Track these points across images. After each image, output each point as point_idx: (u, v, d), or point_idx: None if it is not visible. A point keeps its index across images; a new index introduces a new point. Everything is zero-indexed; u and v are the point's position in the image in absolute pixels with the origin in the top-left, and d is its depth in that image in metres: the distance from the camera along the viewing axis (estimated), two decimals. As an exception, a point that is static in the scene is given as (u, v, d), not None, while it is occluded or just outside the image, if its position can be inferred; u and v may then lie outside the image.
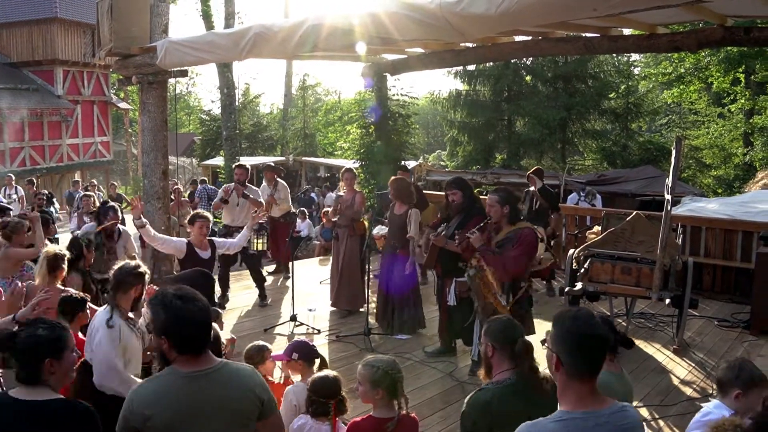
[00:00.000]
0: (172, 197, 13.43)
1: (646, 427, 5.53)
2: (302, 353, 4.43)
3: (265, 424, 2.94)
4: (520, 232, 5.75)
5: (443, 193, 7.22)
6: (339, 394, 3.85)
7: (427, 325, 8.14)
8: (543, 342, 2.72)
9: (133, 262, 4.42)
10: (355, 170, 9.37)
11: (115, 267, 4.36)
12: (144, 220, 6.76)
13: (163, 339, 2.75)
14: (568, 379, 2.51)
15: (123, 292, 4.19)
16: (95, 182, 21.82)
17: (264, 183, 10.79)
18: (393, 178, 8.81)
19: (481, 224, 5.89)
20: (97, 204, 11.81)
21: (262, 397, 2.89)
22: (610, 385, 3.38)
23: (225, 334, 4.89)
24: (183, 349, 2.76)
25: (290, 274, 9.15)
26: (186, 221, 7.13)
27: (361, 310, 8.54)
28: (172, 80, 9.38)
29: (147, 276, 4.42)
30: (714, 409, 3.61)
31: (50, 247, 5.66)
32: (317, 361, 4.46)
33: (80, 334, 4.92)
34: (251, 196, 9.45)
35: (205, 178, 20.51)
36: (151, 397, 2.72)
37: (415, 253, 7.81)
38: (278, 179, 10.78)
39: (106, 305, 4.28)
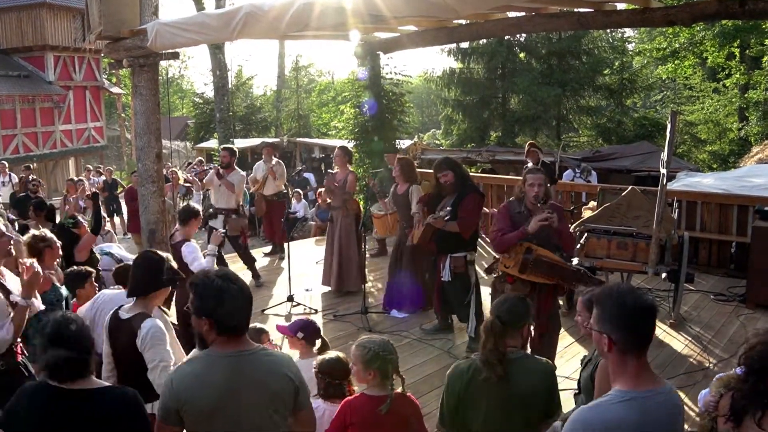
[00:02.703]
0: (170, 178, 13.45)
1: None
2: (308, 332, 4.45)
3: (299, 417, 2.94)
4: (557, 207, 5.72)
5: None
6: (350, 373, 3.86)
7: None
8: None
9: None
10: (349, 149, 9.30)
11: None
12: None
13: (204, 320, 2.74)
14: (622, 356, 2.47)
15: None
16: (90, 167, 21.74)
17: (262, 159, 10.86)
18: (398, 156, 8.80)
19: (541, 204, 5.55)
20: (88, 189, 11.81)
21: (298, 385, 2.87)
22: None
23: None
24: (223, 329, 2.74)
25: (285, 255, 9.15)
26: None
27: (357, 289, 8.54)
28: (164, 63, 9.30)
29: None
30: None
31: (28, 234, 5.47)
32: (318, 342, 4.48)
33: None
34: (226, 178, 9.26)
35: (202, 159, 20.43)
36: (191, 380, 2.72)
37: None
38: (274, 157, 10.88)
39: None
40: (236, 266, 10.01)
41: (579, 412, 2.51)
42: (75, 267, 5.41)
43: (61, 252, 5.52)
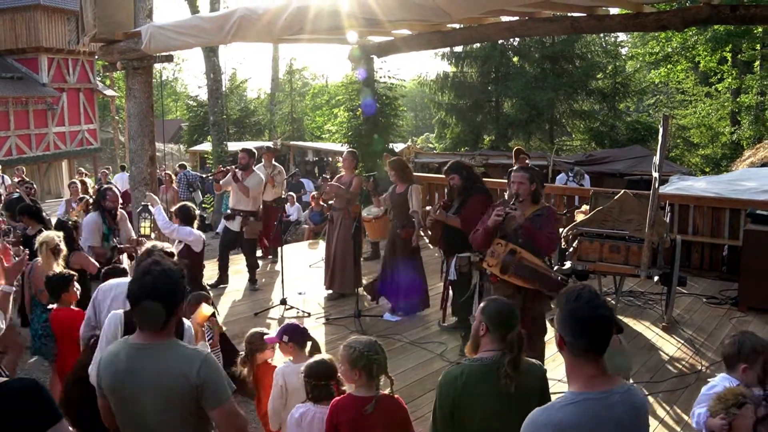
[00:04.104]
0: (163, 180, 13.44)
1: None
2: (292, 335, 4.42)
3: (214, 414, 2.90)
4: (547, 210, 5.69)
5: (432, 175, 7.26)
6: (337, 375, 3.86)
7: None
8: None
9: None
10: (357, 153, 9.29)
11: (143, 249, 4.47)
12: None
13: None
14: (574, 358, 2.50)
15: None
16: (82, 169, 21.70)
17: (262, 163, 10.83)
18: (391, 158, 8.83)
19: (515, 201, 5.61)
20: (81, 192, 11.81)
21: (200, 383, 2.82)
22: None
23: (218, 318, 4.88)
24: (137, 321, 2.91)
25: (278, 259, 9.15)
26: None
27: (351, 292, 8.55)
28: (158, 66, 9.30)
29: None
30: (720, 381, 3.67)
31: (45, 234, 5.72)
32: (309, 344, 4.46)
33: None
34: (245, 182, 9.10)
35: (185, 163, 20.39)
36: (104, 359, 2.95)
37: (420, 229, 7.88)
38: (274, 163, 10.88)
39: None
40: (236, 267, 10.01)
41: (532, 414, 2.54)
42: (57, 271, 5.43)
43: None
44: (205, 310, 4.55)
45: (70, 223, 6.69)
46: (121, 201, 7.90)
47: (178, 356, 2.88)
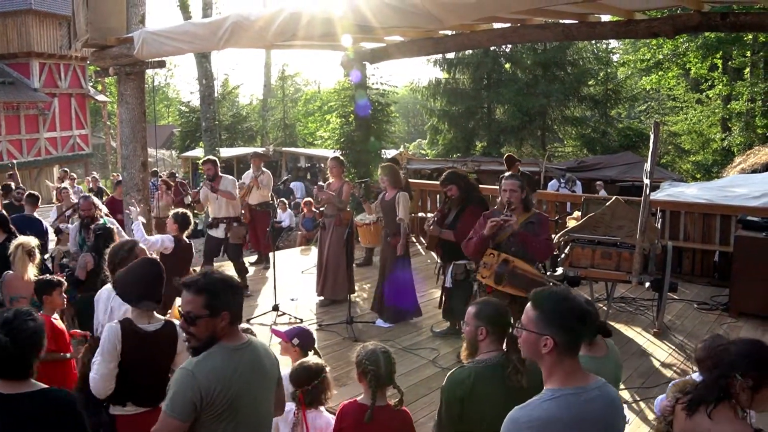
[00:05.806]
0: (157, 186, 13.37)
1: (627, 410, 5.60)
2: (303, 340, 4.44)
3: (281, 390, 3.27)
4: (540, 216, 5.77)
5: (424, 182, 7.26)
6: (308, 383, 3.84)
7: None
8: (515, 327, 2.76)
9: (122, 241, 4.63)
10: (342, 159, 9.31)
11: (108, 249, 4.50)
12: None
13: (224, 314, 2.85)
14: (560, 358, 2.50)
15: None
16: (74, 175, 21.61)
17: (251, 169, 10.81)
18: (383, 164, 8.84)
19: (510, 208, 5.62)
20: (72, 197, 11.80)
21: (277, 363, 3.19)
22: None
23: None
24: (234, 319, 2.92)
25: (270, 264, 9.14)
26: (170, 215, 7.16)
27: (343, 298, 8.53)
28: (150, 71, 9.28)
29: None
30: (687, 378, 3.74)
31: (21, 239, 5.67)
32: (311, 353, 4.46)
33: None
34: (220, 188, 9.33)
35: (156, 170, 20.34)
36: (218, 372, 2.81)
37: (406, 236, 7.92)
38: (263, 168, 10.85)
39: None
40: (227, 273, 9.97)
41: (512, 412, 2.54)
42: (46, 276, 5.36)
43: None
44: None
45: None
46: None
47: (263, 350, 3.08)
